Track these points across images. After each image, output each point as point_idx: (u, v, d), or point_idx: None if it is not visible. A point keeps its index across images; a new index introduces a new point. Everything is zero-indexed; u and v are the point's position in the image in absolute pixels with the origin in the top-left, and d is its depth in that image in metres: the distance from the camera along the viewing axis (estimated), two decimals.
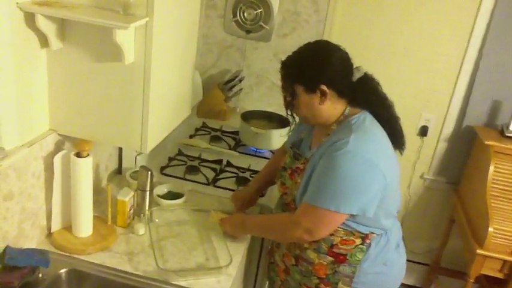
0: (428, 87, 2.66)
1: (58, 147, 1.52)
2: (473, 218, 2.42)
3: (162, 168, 2.07)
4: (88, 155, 1.48)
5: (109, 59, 1.35)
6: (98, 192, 1.75)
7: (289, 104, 1.49)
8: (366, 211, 1.38)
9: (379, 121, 1.46)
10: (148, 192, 1.67)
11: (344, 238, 1.46)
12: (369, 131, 1.42)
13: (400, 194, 1.52)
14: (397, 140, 1.49)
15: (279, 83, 1.54)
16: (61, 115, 1.47)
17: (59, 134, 1.51)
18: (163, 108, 1.52)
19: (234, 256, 1.57)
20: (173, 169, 2.09)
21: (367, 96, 1.45)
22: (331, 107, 1.44)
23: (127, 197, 1.63)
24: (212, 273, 1.50)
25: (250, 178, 2.10)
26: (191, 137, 2.42)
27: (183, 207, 1.82)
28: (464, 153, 2.71)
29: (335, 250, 1.48)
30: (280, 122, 2.41)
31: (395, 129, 1.48)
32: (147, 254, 1.55)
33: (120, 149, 1.97)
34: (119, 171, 2.01)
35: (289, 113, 1.51)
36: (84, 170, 1.47)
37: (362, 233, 1.45)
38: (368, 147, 1.37)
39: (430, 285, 2.94)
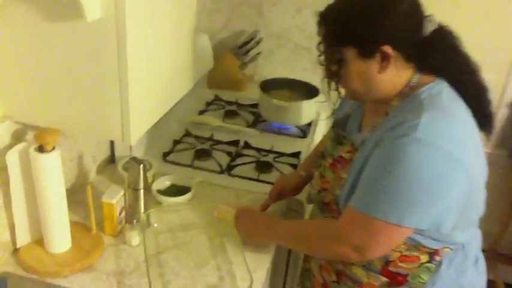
0: (486, 40, 2.19)
1: (17, 140, 1.15)
2: None
3: (165, 155, 1.69)
4: (54, 148, 1.10)
5: (66, 15, 0.95)
6: (84, 190, 1.38)
7: (333, 75, 1.06)
8: (440, 225, 0.97)
9: (460, 93, 1.03)
10: (142, 191, 1.29)
11: (405, 254, 1.06)
12: (448, 108, 0.99)
13: (485, 194, 1.09)
14: (484, 119, 1.06)
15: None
16: (15, 97, 1.09)
17: (16, 122, 1.14)
18: (151, 82, 1.12)
19: (255, 272, 1.20)
20: (178, 155, 1.70)
21: (444, 57, 1.02)
22: (395, 76, 1.02)
23: (114, 198, 1.25)
24: None
25: (274, 163, 1.71)
26: (201, 113, 2.03)
27: (189, 205, 1.45)
28: None
29: (391, 269, 1.09)
30: (307, 91, 1.99)
31: (482, 104, 1.05)
32: (142, 273, 1.18)
33: None
34: (112, 160, 1.64)
35: (332, 87, 1.09)
36: (50, 168, 1.10)
37: (430, 248, 1.05)
38: (447, 133, 0.95)
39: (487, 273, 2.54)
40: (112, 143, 1.62)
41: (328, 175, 1.17)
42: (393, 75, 1.01)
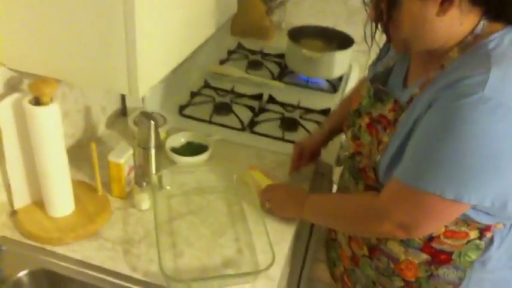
0: None
1: (10, 90, 1.01)
2: None
3: (181, 108, 1.53)
4: (51, 100, 0.96)
5: None
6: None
7: (381, 18, 0.87)
8: (507, 202, 0.81)
9: None
10: (153, 150, 1.15)
11: (452, 229, 0.92)
12: None
13: None
14: None
15: None
16: (10, 40, 0.93)
17: (10, 70, 0.99)
18: (163, 26, 0.95)
19: (277, 245, 1.07)
20: (196, 109, 1.55)
21: None
22: (456, 21, 0.82)
23: (122, 158, 1.12)
24: (246, 280, 1.00)
25: (301, 120, 1.55)
26: (222, 62, 1.85)
27: (206, 166, 1.31)
28: None
29: (435, 245, 0.94)
30: (340, 41, 1.79)
31: None
32: (152, 242, 1.06)
33: None
34: (123, 112, 1.49)
35: (379, 28, 0.90)
36: (47, 123, 0.96)
37: (482, 224, 0.90)
38: None
39: None
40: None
41: (364, 137, 1.00)
42: (454, 20, 0.82)
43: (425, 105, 0.83)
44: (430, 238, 0.94)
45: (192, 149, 1.34)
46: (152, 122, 1.10)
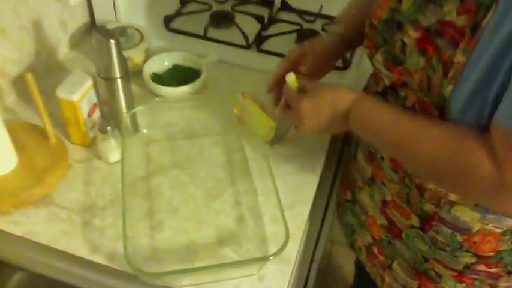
0: None
1: None
2: None
3: (168, 20, 1.18)
4: None
5: None
6: (50, 74, 0.95)
7: None
8: None
9: None
10: (119, 81, 0.82)
11: None
12: None
13: None
14: None
15: None
16: None
17: None
18: None
19: (291, 210, 0.78)
20: (186, 20, 1.20)
21: None
22: None
23: (75, 93, 0.81)
24: (251, 267, 0.71)
25: (324, 32, 1.19)
26: None
27: (198, 99, 0.99)
28: None
29: None
30: None
31: None
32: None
33: None
34: (93, 28, 1.16)
35: None
36: None
37: None
38: None
39: None
40: (90, 2, 1.12)
41: (412, 60, 0.65)
42: None
43: None
44: None
45: (179, 75, 1.01)
46: (112, 41, 0.77)
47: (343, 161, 0.93)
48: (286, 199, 0.80)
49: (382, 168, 0.78)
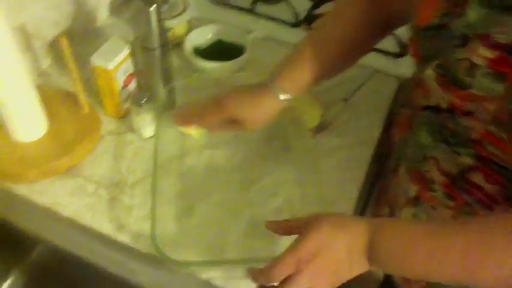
0: None
1: None
2: None
3: None
4: None
5: None
6: (88, 40, 0.91)
7: None
8: None
9: None
10: (158, 51, 0.77)
11: None
12: None
13: None
14: None
15: None
16: None
17: None
18: None
19: (334, 205, 0.71)
20: None
21: None
22: None
23: (112, 61, 0.75)
24: None
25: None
26: None
27: (241, 76, 0.92)
28: None
29: None
30: None
31: None
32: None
33: None
34: None
35: None
36: None
37: None
38: None
39: None
40: None
41: (483, 83, 0.50)
42: None
43: None
44: None
45: (222, 50, 0.95)
46: (152, 8, 0.71)
47: (383, 171, 0.83)
48: (328, 195, 0.73)
49: (432, 190, 0.62)
